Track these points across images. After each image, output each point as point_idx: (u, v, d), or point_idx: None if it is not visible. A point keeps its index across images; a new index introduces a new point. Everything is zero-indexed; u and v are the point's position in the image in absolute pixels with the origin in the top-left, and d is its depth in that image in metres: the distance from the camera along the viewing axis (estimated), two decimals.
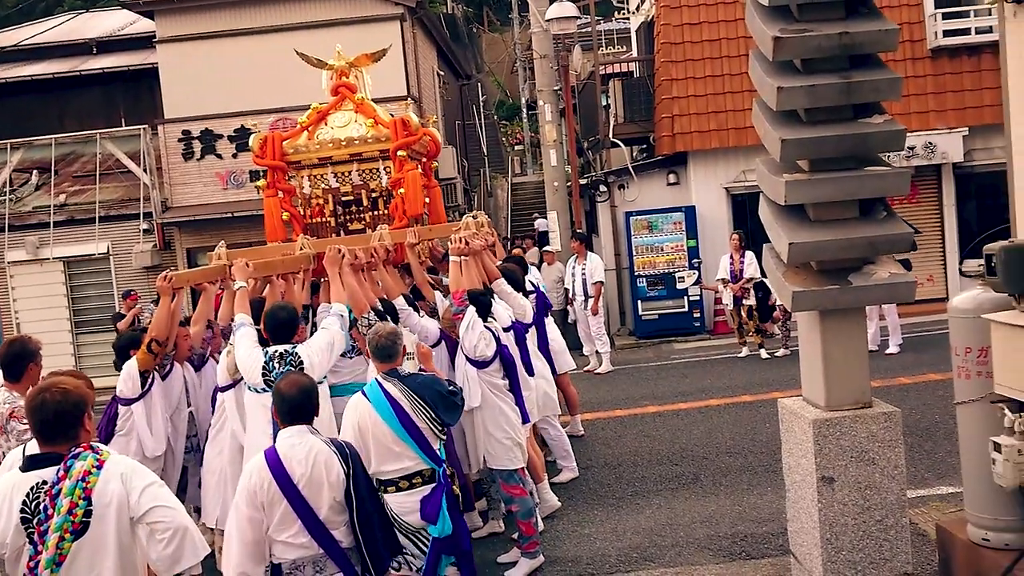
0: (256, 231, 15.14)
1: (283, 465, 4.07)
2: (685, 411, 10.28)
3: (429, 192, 8.39)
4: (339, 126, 7.87)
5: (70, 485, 3.33)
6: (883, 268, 4.99)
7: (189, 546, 3.40)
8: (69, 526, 3.31)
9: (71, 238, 17.35)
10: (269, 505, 4.07)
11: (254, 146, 7.94)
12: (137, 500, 3.39)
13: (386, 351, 4.97)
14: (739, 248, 12.97)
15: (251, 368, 5.45)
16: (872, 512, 4.98)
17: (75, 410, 3.46)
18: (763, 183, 5.23)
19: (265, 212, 7.90)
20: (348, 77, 8.06)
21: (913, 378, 10.51)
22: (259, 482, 4.06)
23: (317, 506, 4.08)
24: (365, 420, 4.80)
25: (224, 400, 5.95)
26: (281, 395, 4.23)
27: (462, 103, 27.62)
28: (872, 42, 4.89)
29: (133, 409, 5.81)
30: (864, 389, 5.14)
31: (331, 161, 7.87)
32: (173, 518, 3.40)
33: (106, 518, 3.36)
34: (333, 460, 4.12)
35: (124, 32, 20.43)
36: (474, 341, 6.35)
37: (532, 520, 6.38)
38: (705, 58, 15.51)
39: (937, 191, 15.64)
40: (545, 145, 16.82)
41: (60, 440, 3.44)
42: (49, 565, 3.29)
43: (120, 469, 3.43)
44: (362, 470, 4.26)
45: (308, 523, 4.05)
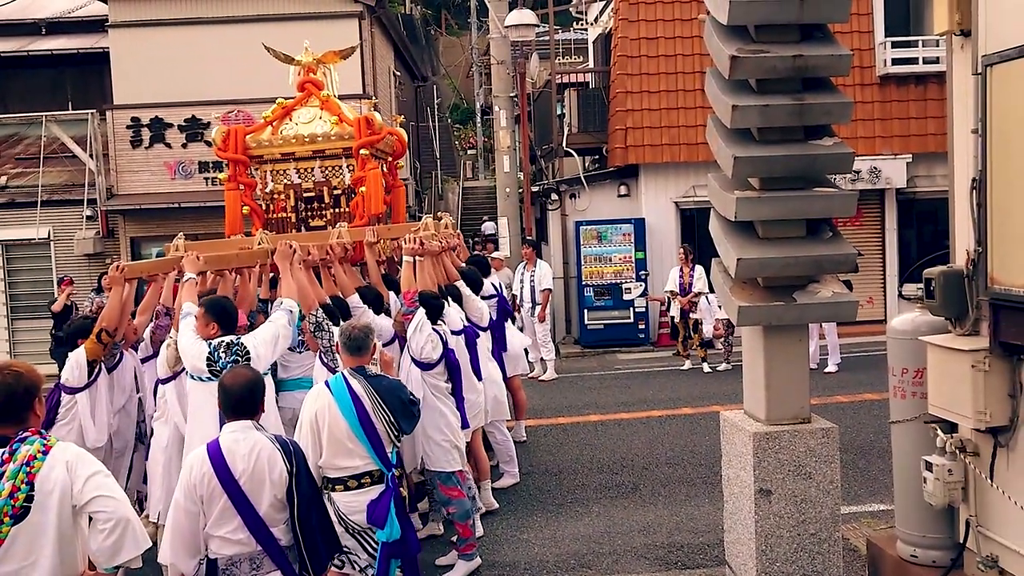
0: (203, 223, 14.96)
1: (225, 460, 3.99)
2: (627, 421, 10.38)
3: (393, 191, 8.39)
4: (304, 122, 7.87)
5: (13, 469, 3.30)
6: (827, 287, 5.11)
7: (130, 538, 3.38)
8: (9, 510, 3.27)
9: (11, 221, 16.93)
10: (208, 500, 4.00)
11: (216, 139, 7.91)
12: (81, 488, 3.36)
13: (357, 344, 4.97)
14: (687, 261, 13.13)
15: (195, 356, 5.38)
16: (807, 525, 5.08)
17: (27, 394, 3.43)
18: (714, 198, 5.32)
19: (226, 205, 7.85)
20: (315, 73, 8.04)
21: (850, 397, 10.73)
22: (199, 476, 3.99)
23: (257, 503, 4.00)
24: (324, 412, 4.80)
25: (165, 392, 5.87)
26: (225, 389, 4.16)
27: (417, 105, 27.55)
28: (825, 66, 5.02)
29: (78, 398, 5.74)
30: (803, 405, 5.26)
31: (294, 157, 7.86)
32: (116, 509, 3.38)
33: (47, 505, 3.32)
34: (276, 457, 4.04)
35: (75, 14, 19.99)
36: (421, 343, 6.36)
37: (469, 522, 6.41)
38: (660, 73, 15.68)
39: (880, 215, 15.99)
40: (498, 151, 16.86)
41: (9, 423, 3.41)
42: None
43: (66, 457, 3.40)
44: (306, 468, 4.19)
45: (247, 520, 3.98)
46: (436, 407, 6.42)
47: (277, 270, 6.79)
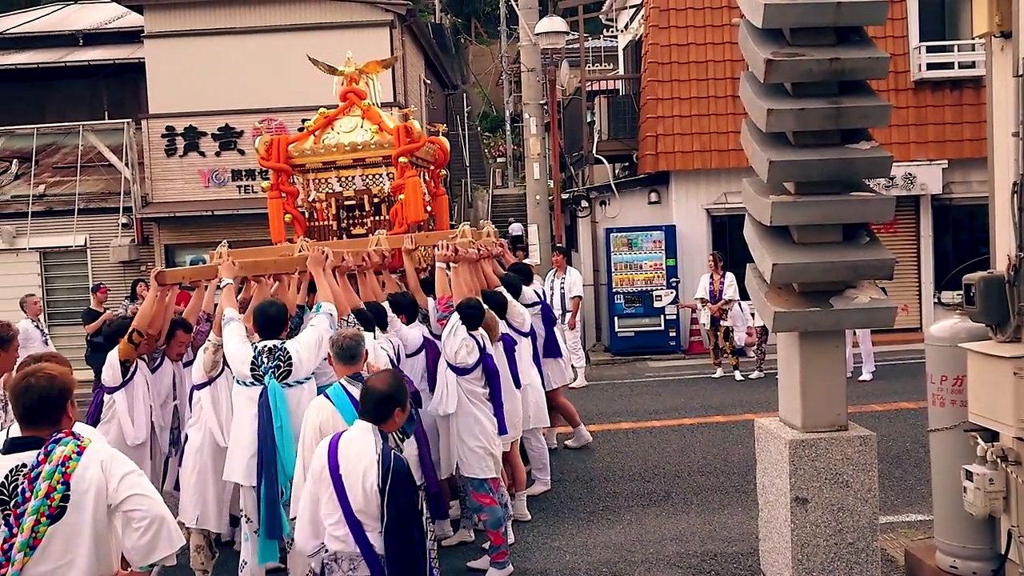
0: (236, 230, 15.09)
1: (338, 452, 4.10)
2: (658, 429, 10.31)
3: (436, 199, 8.44)
4: (345, 131, 7.97)
5: (49, 469, 3.32)
6: (864, 293, 5.05)
7: (164, 536, 3.38)
8: (46, 510, 3.28)
9: (49, 229, 17.19)
10: (321, 485, 4.13)
11: (260, 148, 8.04)
12: (116, 488, 3.37)
13: (349, 352, 4.95)
14: (717, 268, 13.03)
15: (240, 361, 5.47)
16: (844, 535, 5.02)
17: (60, 396, 3.45)
18: (749, 203, 5.27)
19: (269, 214, 7.97)
20: (358, 83, 8.13)
21: (885, 405, 10.59)
22: (320, 460, 4.14)
23: (352, 503, 4.04)
24: (328, 422, 4.76)
25: (200, 398, 5.95)
26: (366, 389, 4.24)
27: (447, 113, 27.65)
28: (862, 69, 4.97)
29: (115, 397, 5.90)
30: (840, 412, 5.20)
31: (335, 165, 7.93)
32: (150, 507, 3.38)
33: (83, 504, 3.34)
34: (373, 469, 4.01)
35: (112, 25, 20.29)
36: (455, 347, 6.35)
37: (501, 530, 6.37)
38: (691, 79, 15.63)
39: (915, 222, 15.82)
40: (529, 158, 16.86)
41: (43, 424, 3.43)
42: (23, 548, 3.26)
43: (100, 456, 3.42)
44: (405, 489, 4.03)
45: (347, 515, 4.04)
46: (471, 413, 6.39)
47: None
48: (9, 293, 16.27)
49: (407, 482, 4.06)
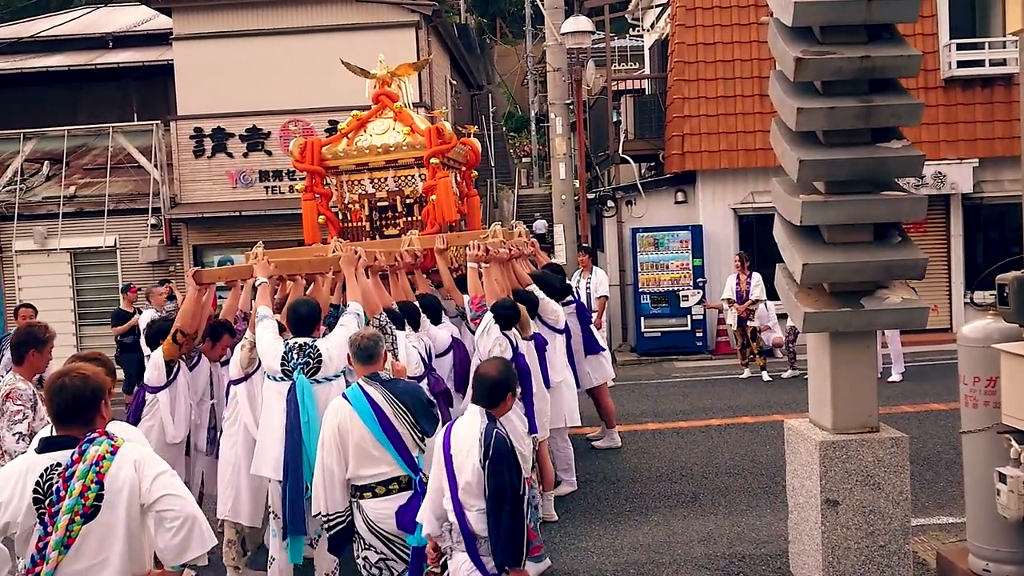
0: (264, 231, 15.18)
1: (450, 435, 4.31)
2: (685, 430, 10.26)
3: (468, 200, 8.48)
4: (377, 133, 8.05)
5: (83, 468, 3.36)
6: (896, 293, 5.00)
7: (197, 536, 3.42)
8: (80, 509, 3.33)
9: (79, 230, 17.36)
10: (438, 464, 4.32)
11: (294, 150, 8.13)
12: (149, 487, 3.41)
13: (367, 352, 4.97)
14: (743, 268, 12.95)
15: (271, 357, 5.59)
16: (876, 537, 4.97)
17: (93, 396, 3.49)
18: (779, 203, 5.24)
19: (303, 215, 8.08)
20: (390, 86, 8.19)
21: (915, 407, 10.49)
22: (438, 443, 4.36)
23: (461, 481, 4.22)
24: (345, 423, 4.80)
25: (236, 393, 6.06)
26: (479, 376, 4.42)
27: (472, 113, 27.69)
28: (893, 67, 4.92)
29: (159, 397, 6.02)
30: (872, 413, 5.15)
31: (368, 167, 8.00)
32: (182, 507, 3.42)
33: (117, 503, 3.38)
34: (474, 452, 4.18)
35: (141, 28, 20.47)
36: (488, 346, 6.40)
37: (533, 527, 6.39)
38: (718, 78, 15.54)
39: (945, 221, 15.65)
40: (554, 158, 16.84)
41: (76, 424, 3.47)
42: (58, 547, 3.31)
43: (134, 456, 3.46)
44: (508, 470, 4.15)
45: (453, 495, 4.23)
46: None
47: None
48: (41, 293, 16.51)
49: (508, 458, 4.17)
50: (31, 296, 16.93)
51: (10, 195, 17.43)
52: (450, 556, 4.32)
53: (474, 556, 4.21)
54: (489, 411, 4.31)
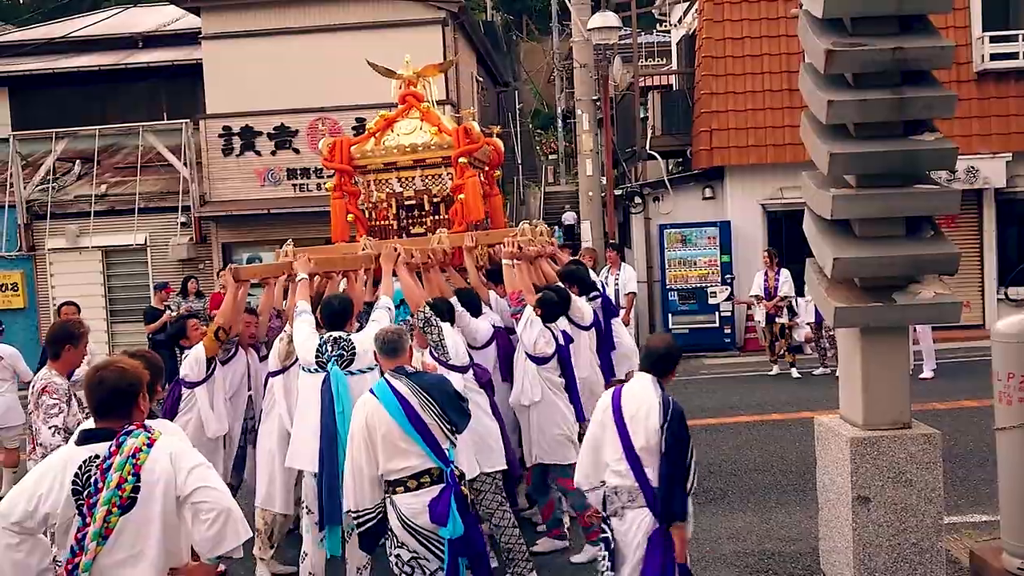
0: (291, 228, 15.27)
1: (621, 400, 4.66)
2: (714, 427, 10.20)
3: (491, 200, 8.52)
4: (405, 133, 8.09)
5: (120, 460, 3.39)
6: (928, 288, 4.93)
7: (231, 529, 3.44)
8: (117, 500, 3.36)
9: (110, 228, 17.54)
10: (603, 428, 4.68)
11: (323, 150, 8.20)
12: (184, 480, 3.44)
13: (392, 346, 4.99)
14: (772, 264, 12.85)
15: (306, 349, 5.69)
16: (907, 535, 4.92)
17: (130, 389, 3.53)
18: (809, 197, 5.19)
19: (332, 213, 8.15)
20: (415, 86, 8.23)
21: (947, 404, 10.37)
22: (604, 405, 4.72)
23: (635, 442, 4.55)
24: (373, 418, 4.80)
25: (274, 385, 6.18)
26: (649, 348, 4.85)
27: (499, 110, 27.67)
28: (926, 58, 4.85)
29: (197, 392, 6.10)
30: (903, 409, 5.09)
31: (396, 166, 8.05)
32: (218, 500, 3.44)
33: (153, 496, 3.41)
34: (655, 411, 4.54)
35: (170, 28, 20.64)
36: (533, 338, 6.46)
37: (589, 511, 6.40)
38: (746, 73, 15.44)
39: (977, 216, 15.46)
40: (581, 154, 16.80)
41: (114, 417, 3.51)
42: (96, 537, 3.34)
43: (170, 449, 3.49)
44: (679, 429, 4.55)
45: (627, 454, 4.57)
46: (552, 402, 6.53)
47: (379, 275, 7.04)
48: (73, 291, 16.69)
49: (682, 421, 4.60)
50: (64, 294, 17.16)
51: (43, 194, 17.65)
52: (620, 516, 4.62)
53: (655, 510, 4.54)
54: (659, 379, 4.68)
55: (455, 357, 5.93)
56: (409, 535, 4.78)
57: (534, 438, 6.54)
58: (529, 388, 6.52)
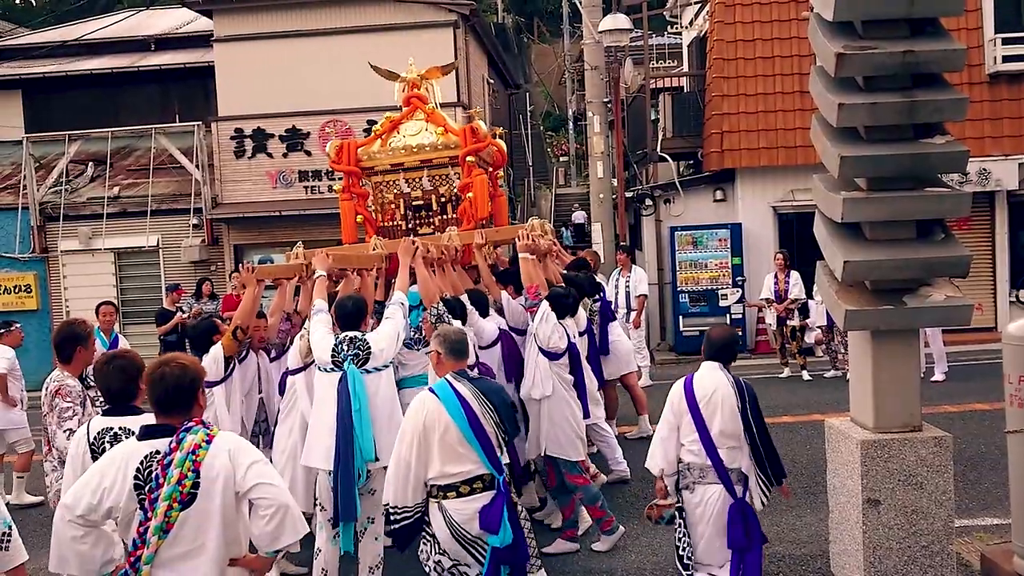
0: (303, 230, 15.34)
1: (693, 388, 5.18)
2: None
3: (494, 200, 8.57)
4: (411, 134, 8.16)
5: (181, 457, 3.45)
6: (939, 291, 4.93)
7: (289, 524, 3.51)
8: (178, 496, 3.42)
9: (123, 230, 17.64)
10: (679, 414, 5.23)
11: (331, 152, 8.27)
12: (243, 476, 3.50)
13: (460, 347, 4.94)
14: (784, 267, 12.85)
15: (322, 349, 5.71)
16: (918, 537, 4.91)
17: (192, 385, 3.61)
18: (820, 199, 5.19)
19: (341, 215, 8.22)
20: (419, 88, 8.28)
21: (959, 407, 10.33)
22: (679, 397, 5.24)
23: (709, 425, 5.11)
24: (432, 419, 4.68)
25: (295, 382, 6.22)
26: (711, 339, 5.38)
27: (510, 112, 27.70)
28: (937, 61, 4.85)
29: (215, 391, 6.09)
30: (914, 412, 5.09)
31: (403, 167, 8.10)
32: (276, 496, 3.50)
33: (212, 491, 3.47)
34: (731, 394, 5.14)
35: (182, 30, 20.75)
36: (548, 332, 6.51)
37: (599, 503, 6.65)
38: (757, 75, 15.42)
39: (990, 218, 15.40)
40: (592, 156, 16.81)
41: (175, 412, 3.58)
42: (157, 532, 3.41)
43: (228, 445, 3.55)
44: (755, 406, 5.20)
45: (702, 436, 5.10)
46: (564, 397, 6.60)
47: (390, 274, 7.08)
48: (86, 292, 16.82)
49: (757, 400, 5.25)
50: (76, 295, 17.30)
51: (56, 196, 17.75)
52: (691, 490, 5.25)
53: (728, 485, 5.14)
54: (724, 366, 5.24)
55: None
56: (455, 541, 4.70)
57: (544, 430, 6.58)
58: (541, 382, 6.57)
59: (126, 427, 4.17)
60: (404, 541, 4.88)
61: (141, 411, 4.27)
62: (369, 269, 6.96)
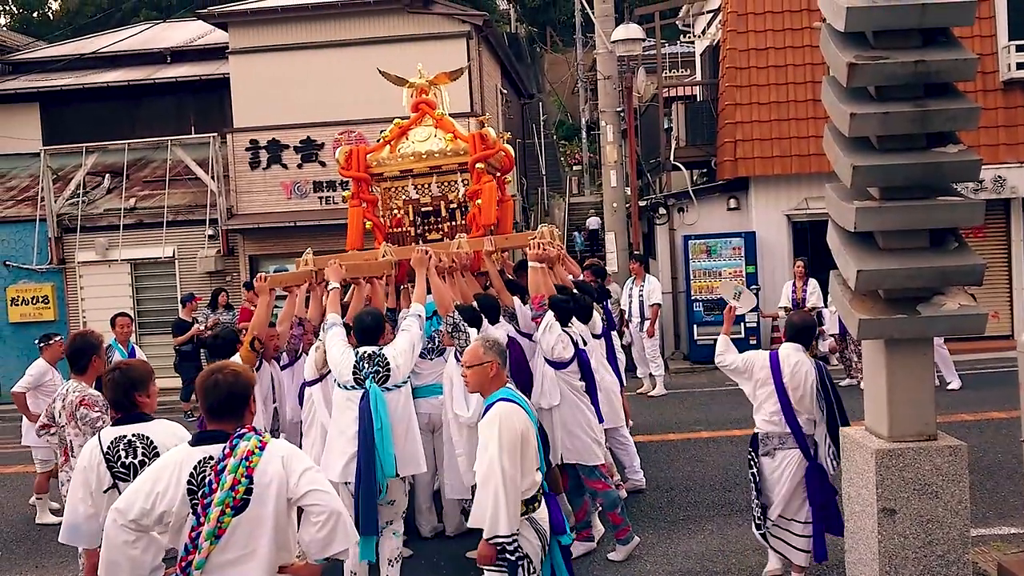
0: (318, 240, 15.34)
1: (779, 363, 5.93)
2: (739, 438, 10.15)
3: (502, 205, 8.59)
4: (419, 140, 8.15)
5: (234, 463, 3.48)
6: (953, 299, 4.92)
7: (341, 531, 3.52)
8: (230, 501, 3.45)
9: (139, 241, 17.75)
10: (763, 386, 5.95)
11: (340, 158, 8.27)
12: (296, 483, 3.52)
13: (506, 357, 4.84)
14: (803, 276, 12.77)
15: (343, 366, 5.70)
16: (934, 547, 4.90)
17: (244, 392, 3.65)
18: (832, 209, 5.20)
19: (349, 221, 8.19)
20: (427, 94, 8.29)
21: (975, 415, 10.29)
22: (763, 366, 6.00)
23: (793, 398, 5.83)
24: (527, 430, 4.45)
25: (312, 394, 6.27)
26: (793, 323, 6.21)
27: (523, 122, 27.75)
28: (949, 71, 4.85)
29: None
30: (929, 421, 5.08)
31: (412, 174, 8.12)
32: (328, 503, 3.52)
33: (265, 497, 3.49)
34: (810, 377, 5.86)
35: (197, 43, 20.91)
36: (551, 343, 6.54)
37: (618, 510, 6.64)
38: (770, 84, 15.41)
39: (1005, 226, 15.31)
40: (605, 165, 16.83)
41: (228, 419, 3.62)
42: (209, 537, 3.43)
43: (281, 452, 3.58)
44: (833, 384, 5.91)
45: (783, 406, 5.84)
46: (576, 403, 6.64)
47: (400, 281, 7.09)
48: (103, 303, 16.93)
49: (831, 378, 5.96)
50: (93, 306, 17.41)
51: (73, 208, 17.89)
52: (771, 456, 5.92)
53: (805, 450, 5.82)
54: (804, 348, 5.97)
55: None
56: (542, 552, 4.52)
57: (559, 438, 6.59)
58: (548, 391, 6.60)
59: (140, 433, 4.22)
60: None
61: (151, 418, 4.33)
62: (379, 276, 6.97)
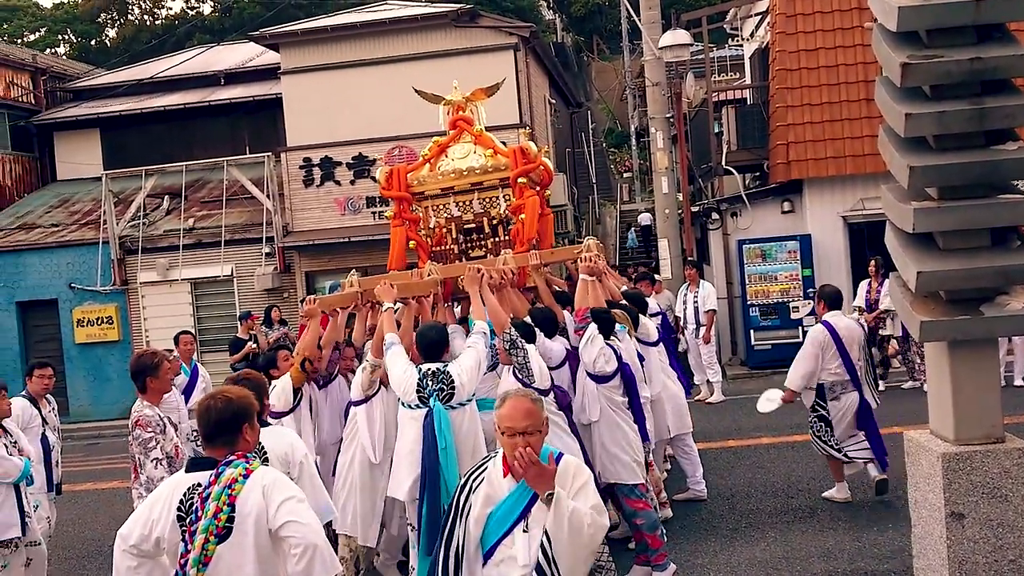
0: (371, 255, 15.58)
1: (834, 328, 7.65)
2: (800, 443, 10.03)
3: (541, 220, 8.58)
4: (459, 157, 8.12)
5: (218, 490, 3.48)
6: (1017, 299, 4.82)
7: (319, 563, 3.44)
8: (214, 529, 3.45)
9: (198, 260, 18.13)
10: (826, 347, 7.64)
11: (381, 178, 8.27)
12: (274, 513, 3.48)
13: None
14: (876, 274, 12.41)
15: (407, 385, 5.67)
16: (1005, 551, 4.79)
17: (234, 418, 3.64)
18: (890, 211, 5.13)
19: (391, 241, 8.19)
20: (464, 111, 8.29)
21: None
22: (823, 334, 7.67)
23: (849, 351, 7.61)
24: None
25: (356, 414, 6.24)
26: (826, 292, 7.98)
27: (572, 131, 27.78)
28: (1006, 67, 4.76)
29: (283, 422, 6.13)
30: (996, 423, 4.97)
31: (453, 191, 8.11)
32: (304, 535, 3.45)
33: (246, 526, 3.48)
34: (857, 327, 7.89)
35: (250, 64, 21.32)
36: (593, 356, 6.43)
37: (658, 532, 6.43)
38: (822, 84, 15.25)
39: None
40: (656, 172, 16.78)
41: (219, 445, 3.63)
42: (195, 564, 3.44)
43: (264, 481, 3.54)
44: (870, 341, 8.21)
45: (844, 360, 7.65)
46: (615, 421, 6.47)
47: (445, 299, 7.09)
48: (165, 323, 17.31)
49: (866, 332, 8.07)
50: (155, 326, 17.80)
51: (134, 230, 18.34)
52: (837, 398, 7.73)
53: (860, 391, 7.71)
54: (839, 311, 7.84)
55: (539, 380, 5.97)
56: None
57: (597, 455, 6.49)
58: (588, 406, 6.48)
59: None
60: None
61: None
62: (426, 295, 6.98)
